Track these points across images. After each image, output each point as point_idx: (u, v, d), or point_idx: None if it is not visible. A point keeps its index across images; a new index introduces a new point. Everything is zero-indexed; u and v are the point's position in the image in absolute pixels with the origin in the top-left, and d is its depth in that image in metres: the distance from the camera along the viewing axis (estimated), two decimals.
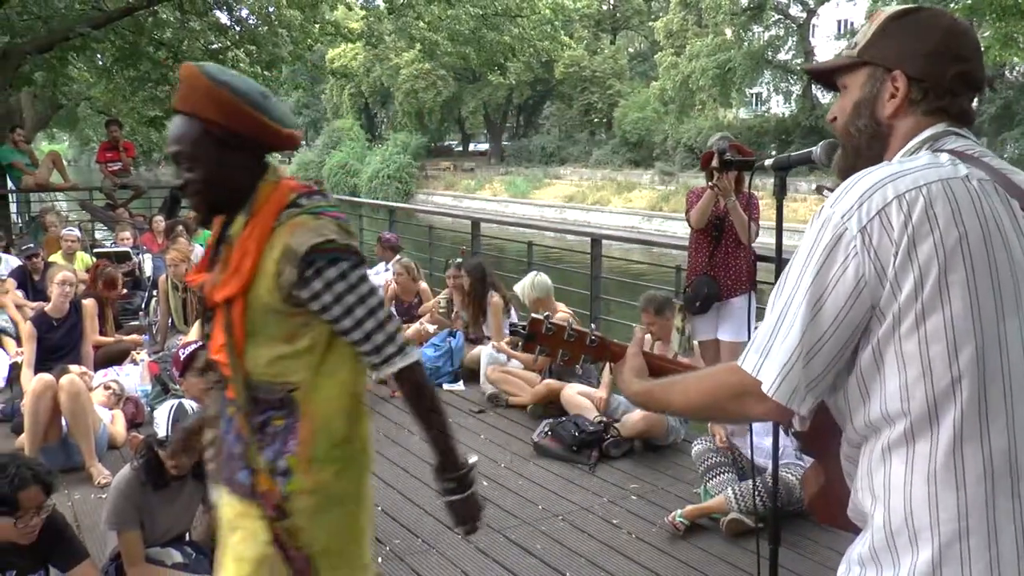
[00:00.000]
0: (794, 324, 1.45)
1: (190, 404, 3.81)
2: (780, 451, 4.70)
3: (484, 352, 6.97)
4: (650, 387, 1.79)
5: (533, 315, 1.98)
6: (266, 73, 16.86)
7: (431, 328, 7.51)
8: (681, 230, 36.81)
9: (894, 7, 1.69)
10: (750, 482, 4.55)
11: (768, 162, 2.26)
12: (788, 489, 4.52)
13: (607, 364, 2.12)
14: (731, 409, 1.60)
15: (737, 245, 5.58)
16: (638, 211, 40.67)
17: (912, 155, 1.55)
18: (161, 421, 3.69)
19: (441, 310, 7.41)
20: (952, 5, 15.83)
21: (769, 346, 1.48)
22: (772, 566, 2.33)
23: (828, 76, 1.75)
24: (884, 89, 1.61)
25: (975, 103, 1.66)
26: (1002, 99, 32.76)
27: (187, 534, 3.97)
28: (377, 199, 38.01)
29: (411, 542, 4.36)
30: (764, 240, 5.27)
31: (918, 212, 1.39)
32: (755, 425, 5.05)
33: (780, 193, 2.27)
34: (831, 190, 1.66)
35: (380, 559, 4.13)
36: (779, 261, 2.36)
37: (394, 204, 12.26)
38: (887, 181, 1.44)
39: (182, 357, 4.42)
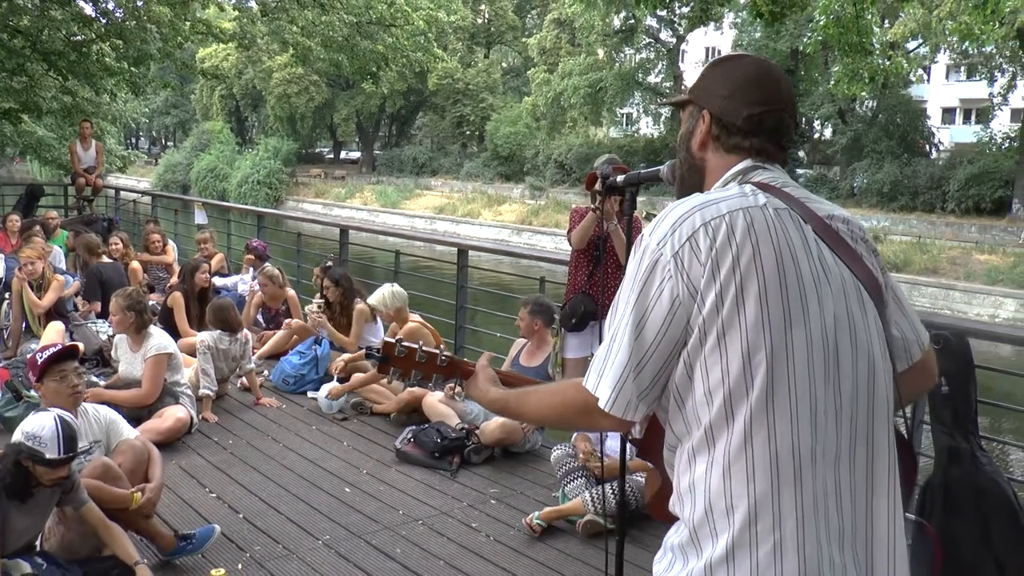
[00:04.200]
0: (623, 344, 1.61)
1: (68, 416, 3.68)
2: (631, 457, 4.93)
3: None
4: (506, 396, 1.96)
5: (385, 338, 2.09)
6: (134, 70, 16.28)
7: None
8: (550, 244, 37.37)
9: (727, 53, 1.88)
10: (607, 485, 4.71)
11: (619, 178, 2.39)
12: (643, 492, 4.72)
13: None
14: (582, 423, 1.82)
15: (617, 266, 5.66)
16: (508, 224, 41.08)
17: (725, 186, 1.73)
18: (45, 439, 3.50)
19: (315, 313, 7.35)
20: (805, 39, 16.70)
21: (603, 366, 1.64)
22: (618, 559, 2.47)
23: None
24: (697, 125, 1.81)
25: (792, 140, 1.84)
26: (852, 131, 34.73)
27: (38, 543, 3.83)
28: (247, 204, 37.19)
29: (272, 548, 4.33)
30: None
31: (721, 237, 1.57)
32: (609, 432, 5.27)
33: (630, 208, 2.42)
34: (655, 215, 1.83)
35: (240, 566, 4.10)
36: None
37: (263, 210, 12.06)
38: (696, 210, 1.62)
39: (40, 360, 4.22)
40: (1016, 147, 31.22)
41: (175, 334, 7.00)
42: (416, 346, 2.04)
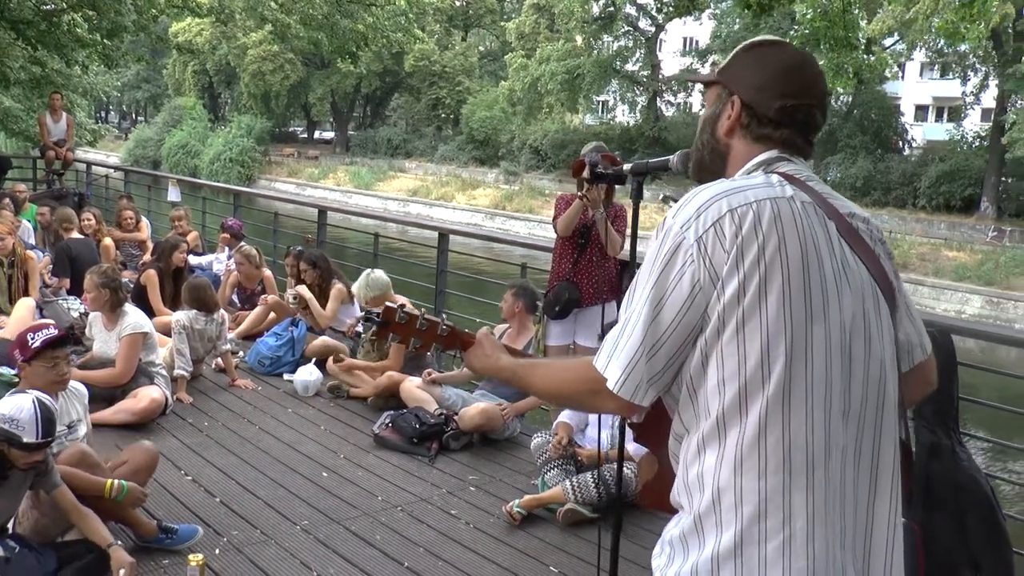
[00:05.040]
0: (637, 326, 1.57)
1: (48, 399, 3.59)
2: (610, 446, 4.92)
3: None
4: (513, 364, 1.90)
5: (387, 303, 2.03)
6: (107, 42, 15.98)
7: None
8: (524, 229, 37.38)
9: (761, 37, 1.83)
10: (587, 474, 4.70)
11: (626, 167, 2.36)
12: (624, 481, 4.70)
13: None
14: (586, 403, 1.74)
15: (602, 254, 5.66)
16: (482, 209, 41.00)
17: (749, 175, 1.70)
18: (23, 422, 3.41)
19: (292, 303, 7.26)
20: (792, 33, 16.69)
21: (615, 347, 1.60)
22: (613, 554, 2.44)
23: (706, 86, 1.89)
24: (724, 110, 1.77)
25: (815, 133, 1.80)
26: (828, 125, 34.87)
27: (10, 526, 3.74)
28: (218, 182, 36.80)
29: (249, 533, 4.26)
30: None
31: (747, 225, 1.53)
32: (591, 420, 5.27)
33: (637, 197, 2.37)
34: (675, 200, 1.79)
35: (218, 551, 4.03)
36: (633, 265, 2.46)
37: (239, 188, 11.90)
38: (722, 196, 1.58)
39: (33, 343, 4.08)
40: (987, 146, 31.62)
41: (148, 312, 6.89)
42: (418, 313, 2.01)
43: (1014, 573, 3.83)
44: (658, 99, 43.00)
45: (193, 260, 8.92)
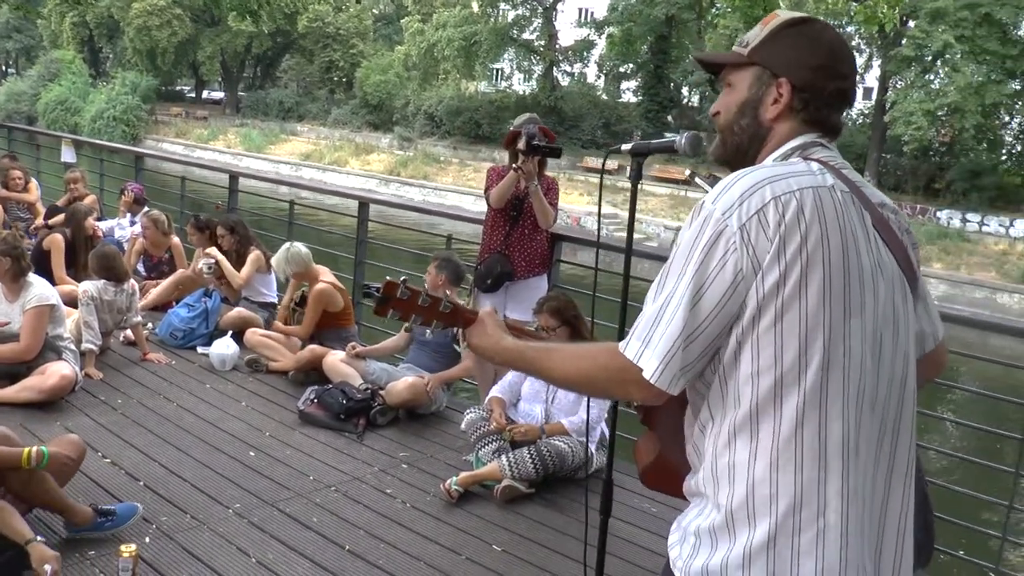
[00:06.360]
0: (676, 314, 1.52)
1: None
2: (544, 421, 4.90)
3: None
4: (523, 347, 1.83)
5: (388, 278, 1.95)
6: None
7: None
8: (419, 196, 37.08)
9: (788, 13, 1.77)
10: (523, 450, 4.67)
11: (626, 147, 2.28)
12: (561, 457, 4.69)
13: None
14: (611, 391, 1.72)
15: (534, 227, 5.64)
16: (376, 175, 40.45)
17: (785, 160, 1.65)
18: None
19: (207, 272, 6.94)
20: (713, 11, 16.78)
21: (650, 335, 1.55)
22: (602, 535, 2.40)
23: (716, 68, 1.80)
24: (768, 93, 1.70)
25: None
26: None
27: None
28: (102, 141, 35.09)
29: (180, 519, 4.05)
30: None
31: (790, 214, 1.50)
32: (523, 394, 5.23)
33: (636, 178, 2.30)
34: (708, 179, 1.73)
35: (148, 539, 3.81)
36: (629, 244, 2.40)
37: (142, 150, 11.28)
38: (766, 183, 1.54)
39: None
40: (870, 123, 32.98)
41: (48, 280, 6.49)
42: (420, 289, 1.93)
43: (934, 534, 3.98)
44: (555, 68, 43.06)
45: None
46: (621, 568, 3.93)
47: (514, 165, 5.41)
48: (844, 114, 1.73)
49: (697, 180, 1.88)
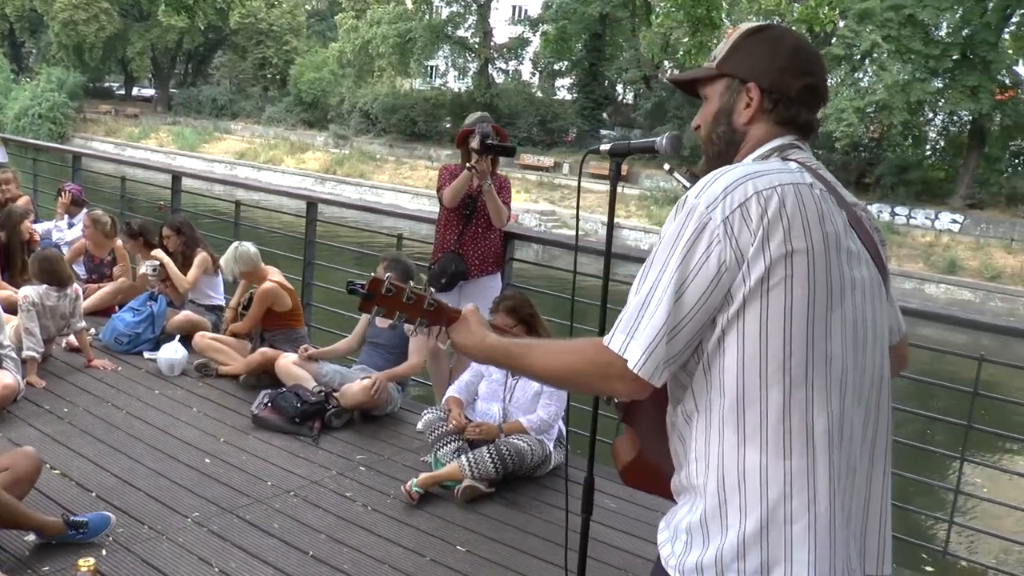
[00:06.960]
0: (659, 306, 1.55)
1: None
2: (503, 419, 4.90)
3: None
4: (506, 344, 1.84)
5: (373, 275, 1.94)
6: None
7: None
8: (355, 194, 36.72)
9: (748, 24, 1.83)
10: (483, 449, 4.67)
11: (604, 147, 2.29)
12: (520, 455, 4.70)
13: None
14: (596, 385, 1.72)
15: (488, 226, 5.64)
16: (312, 173, 40.01)
17: (765, 159, 1.71)
18: None
19: (152, 276, 6.77)
20: (657, 10, 16.95)
21: (635, 327, 1.57)
22: (583, 535, 2.41)
23: (691, 86, 1.86)
24: (740, 99, 1.76)
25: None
26: (656, 97, 36.06)
27: None
28: (27, 139, 34.02)
29: (136, 529, 3.94)
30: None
31: (772, 208, 1.54)
32: (481, 394, 5.23)
33: (615, 179, 2.31)
34: (686, 175, 1.78)
35: (104, 552, 3.70)
36: (609, 242, 2.41)
37: (80, 150, 10.92)
38: (748, 178, 1.58)
39: None
40: None
41: None
42: (405, 286, 1.92)
43: None
44: (490, 66, 43.04)
45: None
46: (595, 568, 3.95)
47: (468, 164, 5.41)
48: (819, 112, 1.78)
49: (676, 176, 1.90)
